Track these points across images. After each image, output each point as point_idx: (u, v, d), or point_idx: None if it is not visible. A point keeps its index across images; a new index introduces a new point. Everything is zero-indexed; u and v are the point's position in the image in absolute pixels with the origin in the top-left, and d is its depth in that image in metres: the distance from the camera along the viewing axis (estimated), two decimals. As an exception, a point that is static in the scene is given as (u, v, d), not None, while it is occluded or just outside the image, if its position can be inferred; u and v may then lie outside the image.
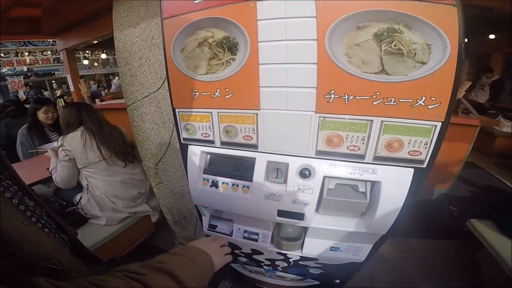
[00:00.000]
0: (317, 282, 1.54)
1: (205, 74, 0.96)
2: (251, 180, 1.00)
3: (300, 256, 1.22)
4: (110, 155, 1.86)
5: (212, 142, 1.04)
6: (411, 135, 0.82)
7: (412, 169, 0.86)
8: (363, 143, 0.85)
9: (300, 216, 0.96)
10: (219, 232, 1.27)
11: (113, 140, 1.87)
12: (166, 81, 1.41)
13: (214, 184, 1.06)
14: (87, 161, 1.79)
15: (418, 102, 0.78)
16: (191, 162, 1.09)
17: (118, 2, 1.50)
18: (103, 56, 9.79)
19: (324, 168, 0.91)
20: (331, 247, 1.10)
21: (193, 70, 0.97)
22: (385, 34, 0.76)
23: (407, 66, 0.76)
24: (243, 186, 1.00)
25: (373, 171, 0.87)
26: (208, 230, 1.30)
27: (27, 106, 3.31)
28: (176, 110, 1.07)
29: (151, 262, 0.58)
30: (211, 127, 1.02)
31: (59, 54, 9.83)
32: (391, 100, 0.79)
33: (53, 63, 10.96)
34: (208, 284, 0.68)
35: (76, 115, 1.81)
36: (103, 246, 1.82)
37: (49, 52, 10.79)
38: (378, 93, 0.79)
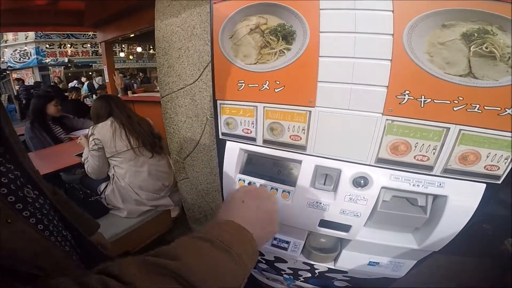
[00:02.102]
0: (339, 294, 1.38)
1: (255, 63, 0.82)
2: (293, 185, 0.85)
3: (329, 268, 1.08)
4: (138, 145, 1.81)
5: (254, 139, 0.90)
6: (491, 148, 0.66)
7: (485, 185, 0.70)
8: (433, 153, 0.70)
9: (346, 228, 0.82)
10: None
11: (141, 131, 1.83)
12: (203, 74, 1.31)
13: (251, 186, 0.91)
14: (115, 150, 1.75)
15: (506, 111, 0.62)
16: (228, 160, 0.96)
17: (160, -9, 1.41)
18: (139, 49, 9.86)
19: (384, 178, 0.76)
20: (369, 262, 0.95)
21: (242, 59, 0.84)
22: (476, 35, 0.61)
23: (499, 71, 0.61)
24: (283, 191, 0.86)
25: (440, 184, 0.72)
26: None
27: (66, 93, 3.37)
28: (218, 102, 0.94)
29: (159, 257, 0.39)
30: (255, 122, 0.88)
31: (98, 47, 10.16)
32: (476, 106, 0.64)
33: (92, 55, 11.34)
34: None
35: (105, 106, 1.79)
36: (120, 238, 1.73)
37: (88, 45, 11.20)
38: (461, 98, 0.64)
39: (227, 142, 0.96)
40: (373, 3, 0.67)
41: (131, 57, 11.29)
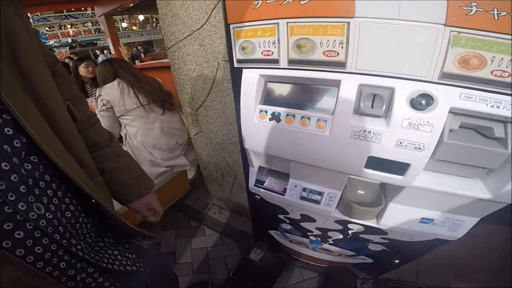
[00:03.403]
0: (370, 260, 1.23)
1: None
2: (330, 113, 0.67)
3: (366, 227, 0.91)
4: (148, 101, 1.72)
5: (276, 61, 0.71)
6: None
7: None
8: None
9: (402, 168, 0.63)
10: (267, 189, 0.97)
11: (150, 88, 1.74)
12: (211, 16, 1.18)
13: (275, 117, 0.74)
14: (125, 108, 1.67)
15: None
16: (245, 90, 0.77)
17: None
18: (141, 17, 9.38)
19: (452, 97, 0.56)
20: (422, 219, 0.77)
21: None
22: None
23: None
24: (318, 120, 0.67)
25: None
26: (254, 186, 1.01)
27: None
28: (231, 26, 0.75)
29: None
30: (276, 42, 0.69)
31: (99, 24, 9.96)
32: None
33: (95, 33, 11.24)
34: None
35: (110, 69, 1.73)
36: None
37: (89, 24, 11.05)
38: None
39: (244, 71, 0.77)
40: None
41: (134, 27, 10.88)
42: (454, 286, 1.51)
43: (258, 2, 0.69)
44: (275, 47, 0.70)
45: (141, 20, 9.63)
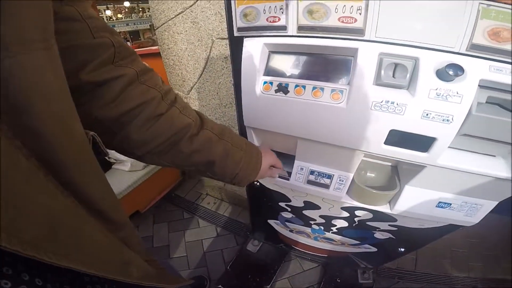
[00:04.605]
0: (374, 249, 1.20)
1: None
2: (347, 83, 0.61)
3: (375, 214, 0.87)
4: None
5: (284, 28, 0.64)
6: None
7: None
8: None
9: (427, 143, 0.58)
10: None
11: None
12: None
13: (282, 89, 0.66)
14: None
15: None
16: (247, 60, 0.70)
17: None
18: (126, 3, 8.74)
19: (482, 69, 0.51)
20: (439, 203, 0.73)
21: None
22: None
23: None
24: (333, 90, 0.61)
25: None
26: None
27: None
28: None
29: None
30: (284, 7, 0.62)
31: None
32: None
33: None
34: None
35: None
36: (127, 196, 1.58)
37: None
38: None
39: (245, 40, 0.69)
40: None
41: (119, 15, 10.43)
42: (453, 274, 1.51)
43: (264, -36, 0.61)
44: (282, 12, 0.63)
45: (126, 8, 9.12)
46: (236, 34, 0.71)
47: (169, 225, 1.84)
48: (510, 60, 0.51)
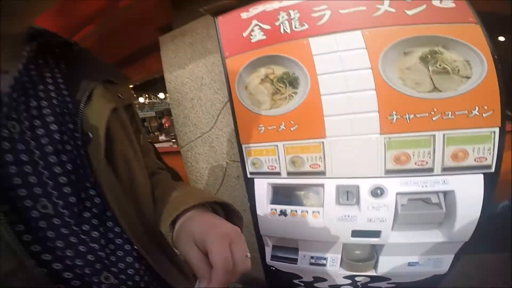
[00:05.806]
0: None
1: (270, 109, 1.03)
2: (321, 206, 1.01)
3: (372, 277, 1.16)
4: None
5: (279, 173, 1.07)
6: (473, 143, 0.84)
7: (482, 175, 0.86)
8: (429, 157, 0.87)
9: (376, 234, 0.95)
10: (283, 260, 1.23)
11: None
12: (217, 121, 1.46)
13: (283, 213, 1.06)
14: None
15: (472, 113, 0.82)
16: (259, 194, 1.12)
17: (165, 44, 1.60)
18: (141, 99, 9.62)
19: (396, 185, 0.92)
20: (409, 263, 1.05)
21: (258, 106, 1.04)
22: (429, 56, 0.84)
23: (455, 82, 0.83)
24: (313, 212, 1.01)
25: (444, 181, 0.88)
26: (271, 260, 1.27)
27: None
28: (243, 146, 1.11)
29: None
30: (277, 159, 1.06)
31: None
32: (448, 114, 0.83)
33: None
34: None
35: None
36: None
37: None
38: (435, 109, 0.83)
39: (255, 180, 1.12)
40: (349, 42, 0.90)
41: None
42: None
43: (262, 128, 1.05)
44: (276, 163, 1.07)
45: (140, 102, 9.94)
46: (249, 176, 1.14)
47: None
48: (411, 174, 0.90)
